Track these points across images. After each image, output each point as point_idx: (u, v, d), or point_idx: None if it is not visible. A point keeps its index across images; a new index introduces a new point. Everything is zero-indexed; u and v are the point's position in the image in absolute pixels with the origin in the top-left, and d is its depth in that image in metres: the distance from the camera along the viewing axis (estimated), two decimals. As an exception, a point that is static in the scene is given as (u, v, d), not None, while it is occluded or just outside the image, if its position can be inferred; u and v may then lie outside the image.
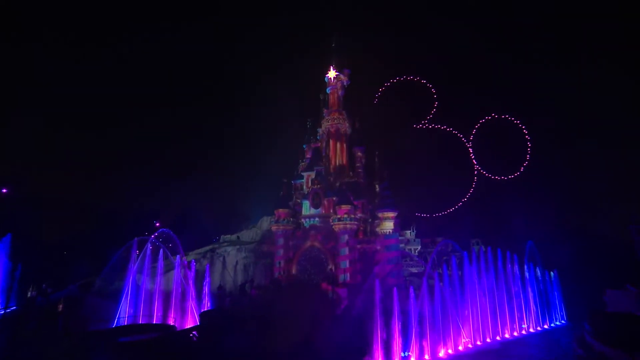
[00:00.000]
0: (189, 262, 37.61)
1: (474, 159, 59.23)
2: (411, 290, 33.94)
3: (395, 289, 34.82)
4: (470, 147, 60.36)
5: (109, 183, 75.13)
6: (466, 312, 35.17)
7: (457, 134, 61.34)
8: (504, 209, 54.63)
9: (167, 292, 36.02)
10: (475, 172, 59.92)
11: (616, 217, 48.58)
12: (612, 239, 45.89)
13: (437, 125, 63.68)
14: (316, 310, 28.51)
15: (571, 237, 45.60)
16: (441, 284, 35.36)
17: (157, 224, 60.68)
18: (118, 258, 36.19)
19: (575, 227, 49.61)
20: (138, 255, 38.38)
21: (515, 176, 57.53)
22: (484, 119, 61.52)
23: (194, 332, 24.61)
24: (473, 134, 61.42)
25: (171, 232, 36.44)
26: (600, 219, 50.22)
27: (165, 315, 34.34)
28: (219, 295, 38.34)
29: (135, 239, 36.19)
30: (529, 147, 57.75)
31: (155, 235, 37.08)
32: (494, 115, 61.04)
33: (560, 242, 42.12)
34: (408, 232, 51.68)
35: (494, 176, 57.80)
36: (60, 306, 31.96)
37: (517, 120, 59.40)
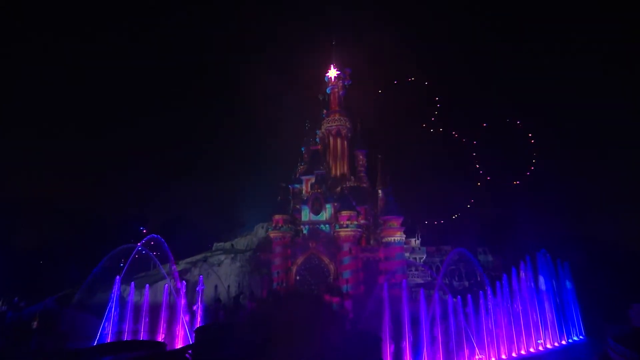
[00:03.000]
0: (181, 271, 35.08)
1: (479, 163, 58.49)
2: (422, 303, 32.53)
3: (405, 302, 33.41)
4: (476, 150, 59.67)
5: (92, 186, 71.73)
6: (480, 326, 33.96)
7: (462, 137, 60.61)
8: (512, 216, 53.64)
9: (155, 304, 33.69)
10: (482, 176, 59.18)
11: (632, 223, 47.87)
12: (629, 247, 45.01)
13: (442, 127, 62.87)
14: (326, 325, 26.55)
15: (585, 245, 44.54)
16: (454, 299, 34.21)
17: (144, 230, 57.86)
18: (101, 267, 33.76)
19: (589, 234, 48.59)
20: (124, 264, 36.02)
21: (522, 181, 56.98)
22: (490, 121, 60.97)
23: (189, 351, 22.30)
24: (479, 137, 60.79)
25: (161, 239, 34.06)
26: (615, 225, 49.37)
27: (153, 330, 32.04)
28: (215, 308, 35.96)
29: (121, 246, 33.79)
30: (537, 149, 57.41)
31: (143, 242, 34.71)
32: (500, 118, 60.63)
33: (572, 250, 41.01)
34: (413, 239, 50.04)
35: (501, 181, 57.12)
36: (35, 322, 29.23)
37: (523, 122, 59.09)
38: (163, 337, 31.40)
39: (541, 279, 38.03)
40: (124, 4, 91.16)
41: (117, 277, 32.89)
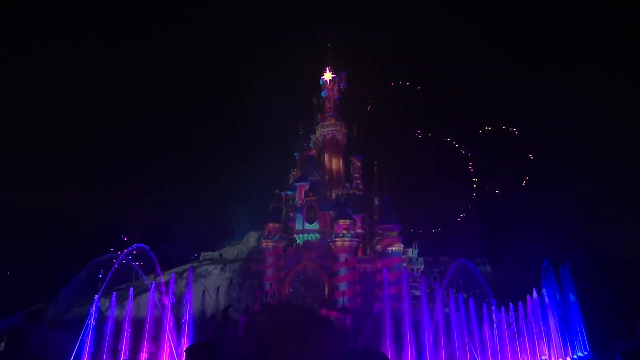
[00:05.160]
0: (167, 282, 32.78)
1: (478, 171, 58.15)
2: (425, 316, 31.52)
3: (407, 315, 32.25)
4: (474, 158, 59.40)
5: (67, 189, 67.65)
6: (484, 341, 33.14)
7: (460, 143, 60.31)
8: (512, 225, 53.29)
9: (138, 319, 31.32)
10: (480, 184, 58.76)
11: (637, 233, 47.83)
12: (635, 257, 44.70)
13: (440, 133, 62.49)
14: (327, 343, 24.88)
15: (588, 256, 44.22)
16: (457, 311, 33.36)
17: (125, 239, 54.86)
18: (78, 280, 31.22)
19: (592, 244, 48.29)
20: (103, 275, 33.55)
21: (522, 189, 56.77)
22: (489, 126, 60.89)
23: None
24: (477, 144, 60.55)
25: (147, 248, 31.87)
26: (620, 234, 49.08)
27: (136, 349, 29.69)
28: (207, 323, 33.73)
29: (102, 256, 31.43)
30: (536, 155, 57.36)
31: (126, 252, 32.46)
32: (499, 124, 60.56)
33: (576, 261, 40.63)
34: (410, 249, 48.93)
35: (500, 189, 56.85)
36: (2, 344, 26.47)
37: (522, 127, 59.12)
38: (147, 356, 29.14)
39: (544, 291, 37.48)
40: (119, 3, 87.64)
41: (97, 293, 30.43)
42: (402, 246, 44.90)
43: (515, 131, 60.57)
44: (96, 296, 30.41)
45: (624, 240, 47.34)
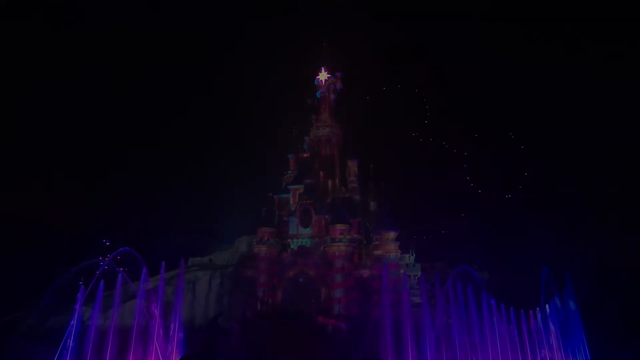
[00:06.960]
0: (155, 289, 31.50)
1: (475, 175, 58.36)
2: (427, 324, 31.08)
3: (407, 323, 31.77)
4: (472, 162, 59.59)
5: (44, 189, 64.95)
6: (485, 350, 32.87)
7: (457, 147, 60.46)
8: (513, 231, 53.40)
9: (124, 329, 29.93)
10: (477, 189, 58.95)
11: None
12: (637, 263, 45.02)
13: (438, 136, 62.54)
14: (327, 353, 24.00)
15: (589, 263, 44.38)
16: (458, 319, 33.04)
17: (108, 243, 52.89)
18: (57, 287, 29.67)
19: (594, 251, 48.39)
20: (83, 282, 32.11)
21: (519, 193, 57.09)
22: (487, 130, 61.31)
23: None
24: (476, 147, 60.77)
25: (135, 252, 30.58)
26: (622, 242, 49.48)
27: (121, 361, 28.27)
28: (203, 335, 32.48)
29: (85, 262, 30.01)
30: (534, 158, 57.79)
31: (112, 256, 31.10)
32: (497, 128, 60.95)
33: (576, 267, 40.67)
34: (407, 255, 48.60)
35: (499, 193, 57.07)
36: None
37: (519, 129, 59.46)
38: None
39: (543, 299, 37.46)
40: None
41: (79, 297, 28.91)
42: (400, 252, 44.52)
43: (513, 136, 61.32)
44: (77, 303, 28.93)
45: (626, 247, 47.73)
